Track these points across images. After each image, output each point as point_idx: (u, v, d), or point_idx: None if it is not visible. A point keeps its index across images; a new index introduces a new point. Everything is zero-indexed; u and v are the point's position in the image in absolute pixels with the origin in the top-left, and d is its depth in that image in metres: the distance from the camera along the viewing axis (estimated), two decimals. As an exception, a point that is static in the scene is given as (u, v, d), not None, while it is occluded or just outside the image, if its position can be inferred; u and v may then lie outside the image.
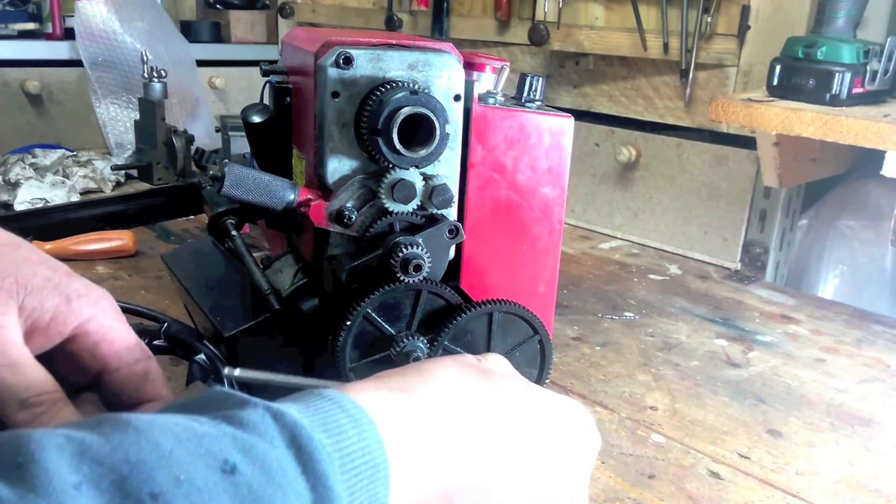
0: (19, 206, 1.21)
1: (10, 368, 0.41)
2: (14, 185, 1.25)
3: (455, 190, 0.58)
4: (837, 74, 0.91)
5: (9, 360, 0.41)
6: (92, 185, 1.34)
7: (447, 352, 0.58)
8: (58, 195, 1.25)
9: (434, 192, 0.56)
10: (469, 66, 0.62)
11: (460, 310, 0.58)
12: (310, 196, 0.57)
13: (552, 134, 0.63)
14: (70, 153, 1.45)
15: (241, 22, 2.24)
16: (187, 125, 1.59)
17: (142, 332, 0.60)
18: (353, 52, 0.53)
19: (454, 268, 0.62)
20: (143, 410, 0.45)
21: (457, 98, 0.57)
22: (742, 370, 0.82)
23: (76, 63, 1.64)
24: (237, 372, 0.51)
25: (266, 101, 0.68)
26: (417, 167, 0.55)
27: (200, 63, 1.78)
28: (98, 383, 0.46)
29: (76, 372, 0.46)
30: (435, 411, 0.37)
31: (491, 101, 0.62)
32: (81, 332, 0.44)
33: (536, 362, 0.62)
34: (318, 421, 0.31)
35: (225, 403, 0.31)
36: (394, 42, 0.57)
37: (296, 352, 0.61)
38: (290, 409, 0.31)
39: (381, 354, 0.57)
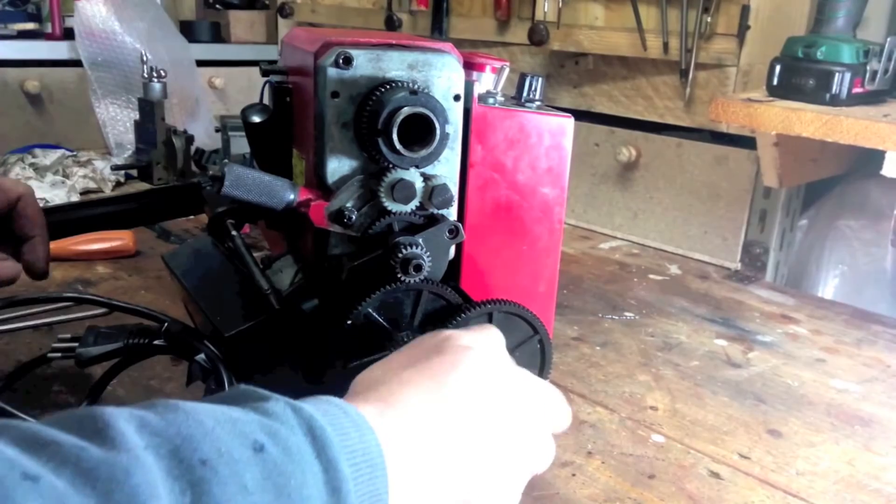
0: (19, 206, 1.21)
1: None
2: (14, 185, 1.24)
3: (455, 190, 0.58)
4: (837, 74, 0.91)
5: None
6: (92, 185, 1.34)
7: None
8: (58, 195, 1.25)
9: (434, 192, 0.56)
10: (469, 66, 0.62)
11: (460, 310, 0.58)
12: (310, 196, 0.56)
13: (552, 134, 0.63)
14: (70, 153, 1.45)
15: (241, 22, 2.24)
16: (187, 125, 1.59)
17: (142, 332, 0.60)
18: (353, 52, 0.53)
19: (454, 268, 0.62)
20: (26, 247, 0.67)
21: (457, 98, 0.57)
22: (742, 370, 0.82)
23: (76, 63, 1.64)
24: None
25: (266, 100, 0.68)
26: (417, 167, 0.55)
27: (200, 63, 1.78)
28: None
29: None
30: (426, 428, 0.41)
31: (491, 101, 0.62)
32: None
33: (536, 362, 0.62)
34: (327, 419, 0.36)
35: (251, 397, 0.37)
36: (394, 42, 0.57)
37: (296, 352, 0.61)
38: (306, 405, 0.36)
39: (381, 354, 0.57)
